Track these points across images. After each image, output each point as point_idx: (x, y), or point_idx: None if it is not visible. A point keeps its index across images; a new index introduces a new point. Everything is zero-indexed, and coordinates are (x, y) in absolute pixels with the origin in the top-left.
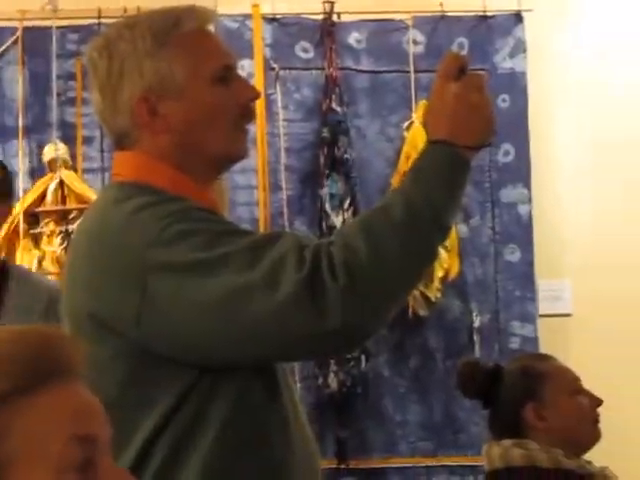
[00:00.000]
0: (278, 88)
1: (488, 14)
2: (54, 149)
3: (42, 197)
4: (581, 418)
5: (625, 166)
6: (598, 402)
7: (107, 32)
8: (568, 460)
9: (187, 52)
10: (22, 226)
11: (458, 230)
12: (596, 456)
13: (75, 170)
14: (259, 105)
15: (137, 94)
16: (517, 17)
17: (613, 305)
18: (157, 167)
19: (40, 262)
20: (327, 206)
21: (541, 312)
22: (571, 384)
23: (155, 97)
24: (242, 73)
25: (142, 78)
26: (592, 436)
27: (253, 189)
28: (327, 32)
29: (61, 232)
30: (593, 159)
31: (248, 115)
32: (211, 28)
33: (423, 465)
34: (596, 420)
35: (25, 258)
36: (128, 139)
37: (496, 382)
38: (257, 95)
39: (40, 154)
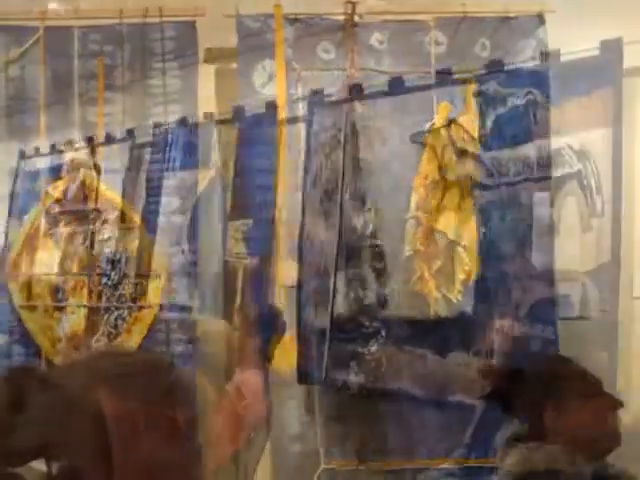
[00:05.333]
0: (299, 89)
1: (510, 15)
2: (75, 149)
3: (63, 197)
4: (600, 421)
5: None
6: (618, 405)
7: None
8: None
9: None
10: (43, 225)
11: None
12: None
13: (96, 169)
14: (280, 105)
15: None
16: (539, 18)
17: None
18: None
19: (62, 262)
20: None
21: (562, 315)
22: (590, 387)
23: None
24: (264, 73)
25: None
26: (611, 440)
27: None
28: (349, 33)
29: (82, 232)
30: None
31: None
32: None
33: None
34: (616, 424)
35: (45, 257)
36: None
37: (516, 385)
38: None
39: (61, 154)
